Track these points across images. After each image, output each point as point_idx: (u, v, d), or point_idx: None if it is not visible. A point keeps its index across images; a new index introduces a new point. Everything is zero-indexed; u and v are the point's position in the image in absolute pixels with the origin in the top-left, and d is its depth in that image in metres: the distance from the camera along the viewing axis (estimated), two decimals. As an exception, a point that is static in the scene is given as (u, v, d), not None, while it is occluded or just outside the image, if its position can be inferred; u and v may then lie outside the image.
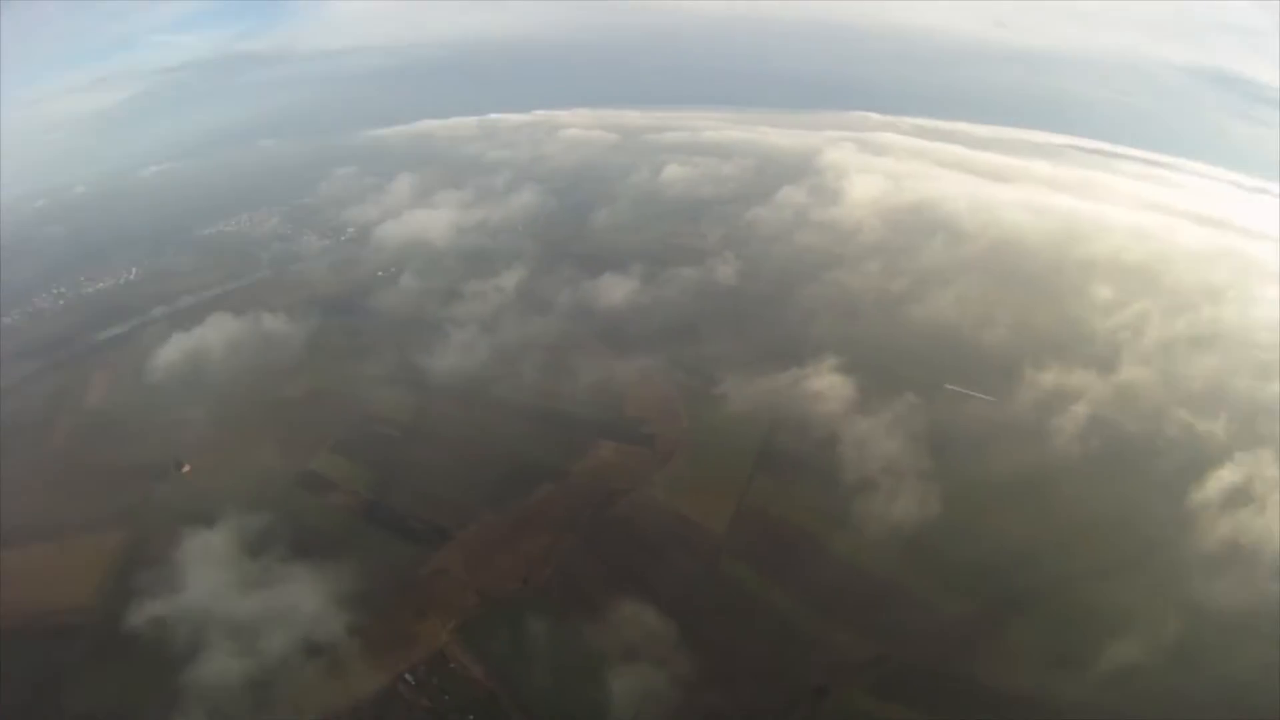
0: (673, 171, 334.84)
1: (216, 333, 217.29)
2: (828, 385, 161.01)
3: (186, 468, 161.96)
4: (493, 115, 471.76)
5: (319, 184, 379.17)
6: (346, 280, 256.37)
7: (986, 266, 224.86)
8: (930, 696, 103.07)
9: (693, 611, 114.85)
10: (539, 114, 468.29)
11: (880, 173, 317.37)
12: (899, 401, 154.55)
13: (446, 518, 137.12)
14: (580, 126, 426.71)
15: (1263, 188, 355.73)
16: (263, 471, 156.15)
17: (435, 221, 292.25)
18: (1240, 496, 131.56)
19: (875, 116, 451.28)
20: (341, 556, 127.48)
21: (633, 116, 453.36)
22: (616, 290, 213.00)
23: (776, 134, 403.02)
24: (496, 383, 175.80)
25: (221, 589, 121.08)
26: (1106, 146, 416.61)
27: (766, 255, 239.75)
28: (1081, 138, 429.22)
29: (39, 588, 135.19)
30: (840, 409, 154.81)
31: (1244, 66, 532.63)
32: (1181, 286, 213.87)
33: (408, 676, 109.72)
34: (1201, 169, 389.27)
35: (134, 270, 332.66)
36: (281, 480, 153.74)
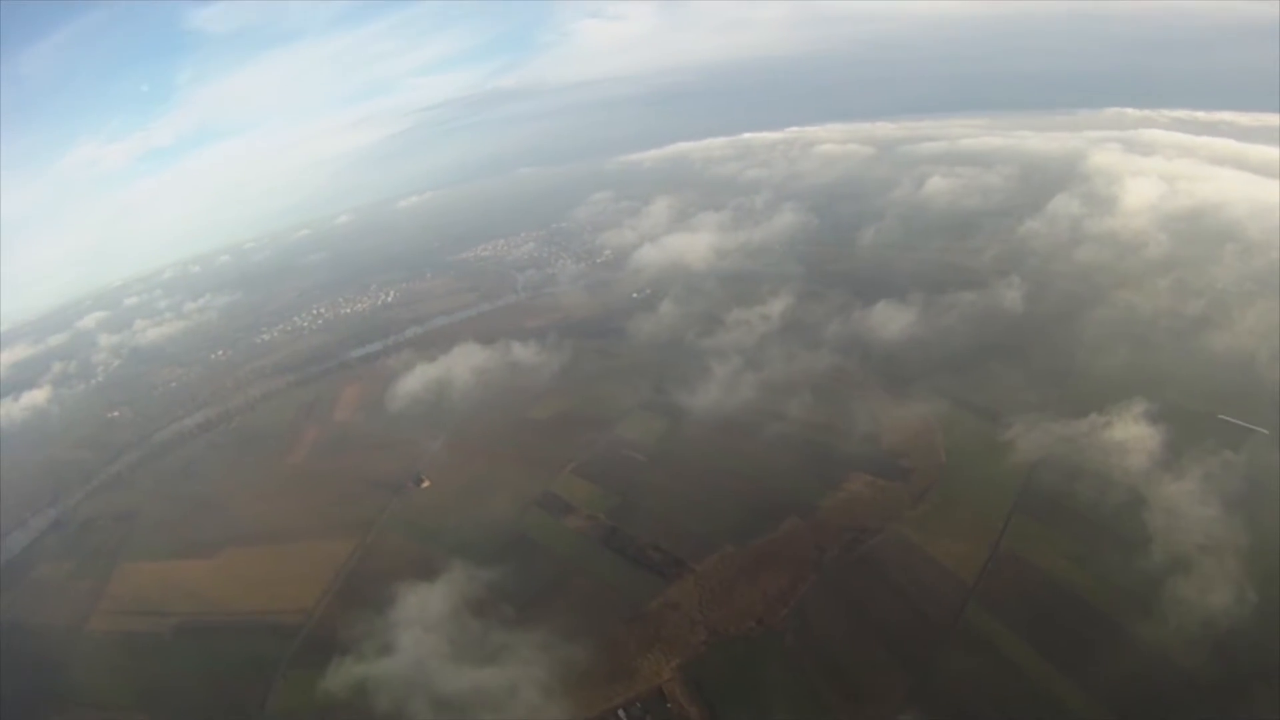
0: (936, 184, 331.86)
1: (465, 358, 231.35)
2: (1129, 435, 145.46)
3: (426, 482, 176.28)
4: (746, 134, 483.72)
5: (575, 209, 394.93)
6: (601, 304, 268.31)
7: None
8: None
9: (928, 666, 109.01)
10: (791, 131, 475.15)
11: (1152, 174, 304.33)
12: (1209, 455, 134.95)
13: (685, 549, 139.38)
14: (834, 141, 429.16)
15: None
16: (502, 489, 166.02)
17: (694, 244, 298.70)
18: None
19: (1132, 112, 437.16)
20: (571, 581, 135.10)
21: (886, 128, 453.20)
22: (893, 321, 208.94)
23: (1036, 138, 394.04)
24: (753, 414, 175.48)
25: (443, 621, 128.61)
26: None
27: (1047, 274, 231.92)
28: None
29: (264, 587, 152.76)
30: (1138, 461, 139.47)
31: None
32: None
33: (621, 712, 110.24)
34: None
35: (391, 293, 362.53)
36: (520, 499, 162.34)
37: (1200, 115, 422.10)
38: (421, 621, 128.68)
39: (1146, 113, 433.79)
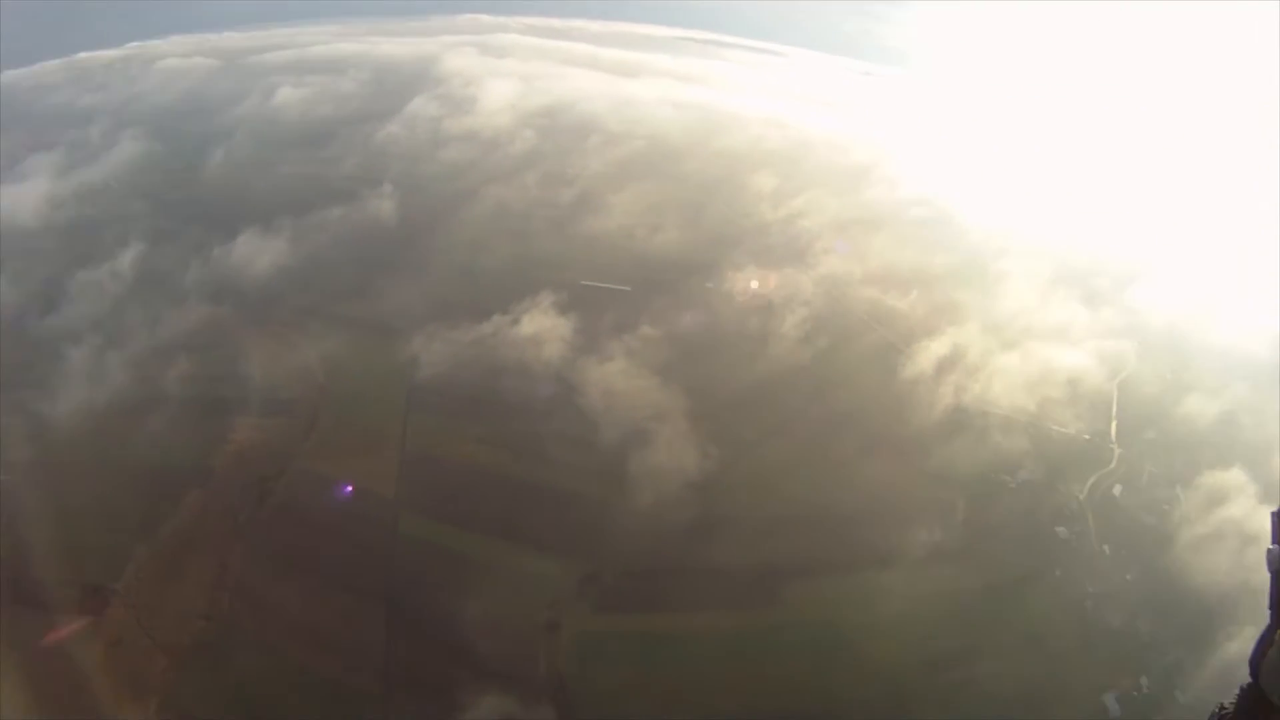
0: (286, 94, 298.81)
1: None
2: (540, 328, 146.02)
3: None
4: (82, 54, 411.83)
5: None
6: None
7: (648, 167, 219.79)
8: (655, 598, 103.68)
9: (396, 589, 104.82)
10: (133, 47, 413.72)
11: (509, 75, 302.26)
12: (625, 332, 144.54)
13: (96, 572, 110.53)
14: (178, 55, 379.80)
15: (870, 71, 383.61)
16: None
17: (23, 197, 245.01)
18: (951, 365, 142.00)
19: (486, 18, 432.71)
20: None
21: (234, 39, 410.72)
22: (261, 253, 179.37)
23: (389, 44, 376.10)
24: (129, 399, 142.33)
25: None
26: (717, 38, 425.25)
27: (416, 179, 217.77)
28: (693, 29, 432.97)
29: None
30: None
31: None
32: (829, 171, 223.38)
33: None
34: (813, 57, 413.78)
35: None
36: None
37: (555, 23, 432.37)
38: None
39: (502, 19, 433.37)
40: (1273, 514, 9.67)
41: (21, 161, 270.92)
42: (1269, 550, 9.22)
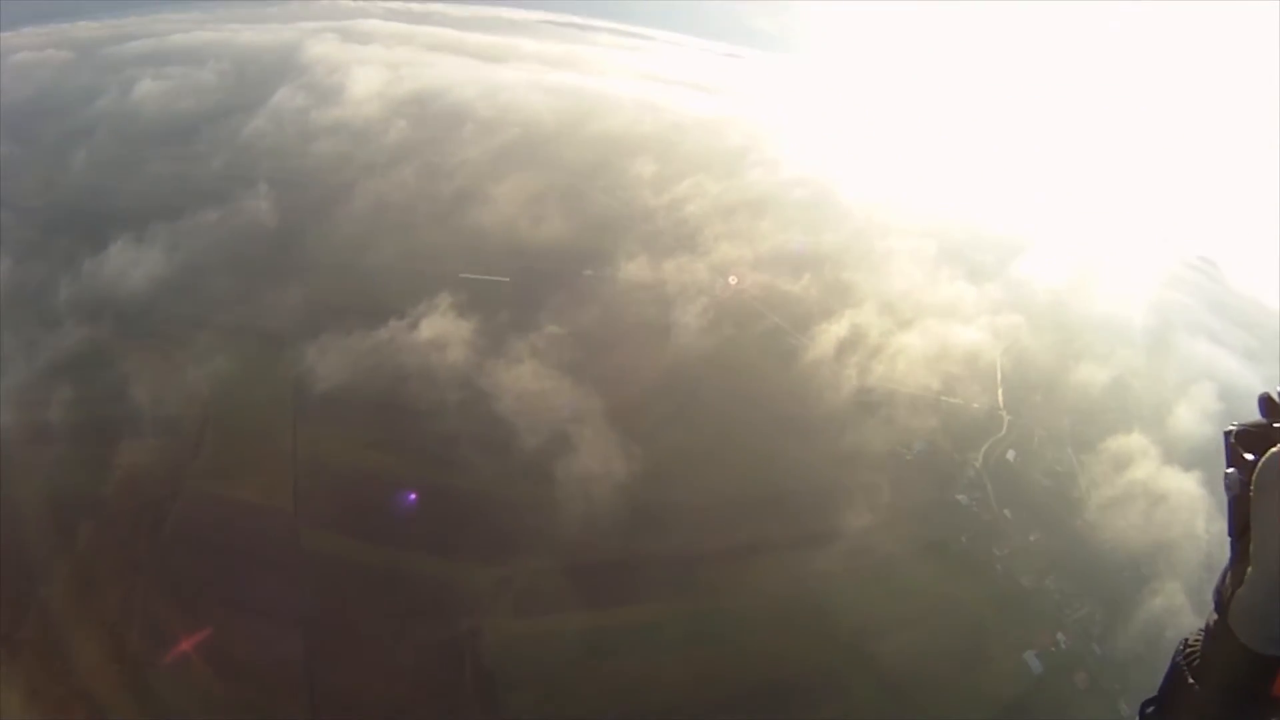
0: (146, 88, 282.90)
1: None
2: (440, 331, 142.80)
3: None
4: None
5: None
6: None
7: (525, 156, 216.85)
8: (580, 596, 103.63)
9: (308, 608, 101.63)
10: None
11: (374, 63, 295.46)
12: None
13: (3, 622, 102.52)
14: (31, 48, 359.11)
15: (734, 53, 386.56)
16: None
17: None
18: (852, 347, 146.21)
19: (346, 3, 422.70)
20: None
21: (88, 28, 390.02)
22: (136, 265, 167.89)
23: (248, 30, 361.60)
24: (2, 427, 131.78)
25: None
26: (578, 20, 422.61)
27: (288, 176, 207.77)
28: (552, 12, 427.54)
29: None
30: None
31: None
32: (708, 154, 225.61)
33: None
34: (675, 39, 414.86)
35: None
36: None
37: (415, 6, 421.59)
38: None
39: (361, 3, 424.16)
40: (1224, 434, 8.74)
41: None
42: (1226, 474, 8.49)
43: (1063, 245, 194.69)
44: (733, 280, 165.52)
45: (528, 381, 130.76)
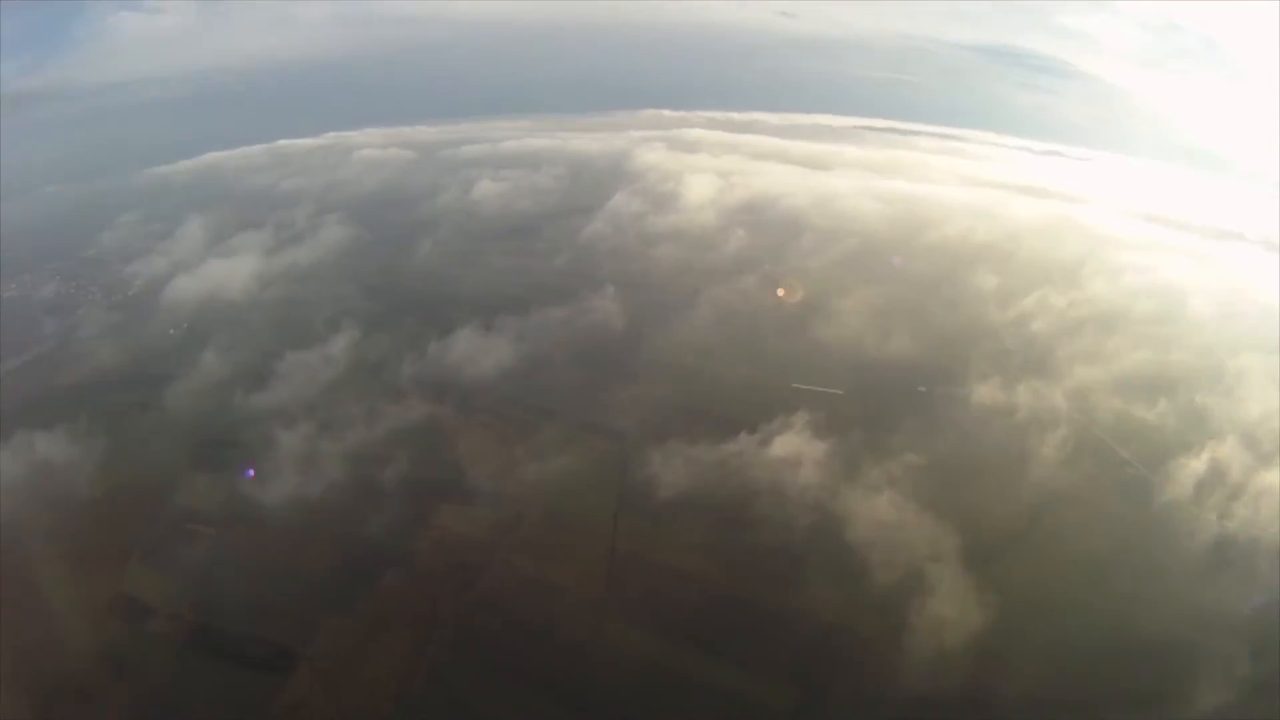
0: (485, 188, 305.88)
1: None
2: (794, 450, 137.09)
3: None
4: (281, 141, 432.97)
5: (103, 233, 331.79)
6: (136, 349, 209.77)
7: (866, 268, 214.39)
8: None
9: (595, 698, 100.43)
10: (330, 136, 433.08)
11: (703, 170, 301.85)
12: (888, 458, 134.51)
13: (286, 633, 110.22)
14: (374, 146, 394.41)
15: (1054, 150, 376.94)
16: (67, 601, 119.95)
17: (233, 271, 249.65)
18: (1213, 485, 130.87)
19: (668, 113, 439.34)
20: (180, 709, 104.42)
21: (426, 132, 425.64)
22: (484, 354, 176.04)
23: (579, 139, 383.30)
24: (334, 477, 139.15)
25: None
26: (897, 124, 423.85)
27: (632, 279, 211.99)
28: (870, 118, 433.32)
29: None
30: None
31: (1021, 40, 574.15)
32: (1044, 263, 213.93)
33: None
34: (992, 138, 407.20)
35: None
36: (92, 611, 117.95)
37: (735, 115, 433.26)
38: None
39: (682, 113, 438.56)
40: None
41: (229, 238, 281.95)
42: None
43: None
44: (1004, 398, 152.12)
45: (884, 512, 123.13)
